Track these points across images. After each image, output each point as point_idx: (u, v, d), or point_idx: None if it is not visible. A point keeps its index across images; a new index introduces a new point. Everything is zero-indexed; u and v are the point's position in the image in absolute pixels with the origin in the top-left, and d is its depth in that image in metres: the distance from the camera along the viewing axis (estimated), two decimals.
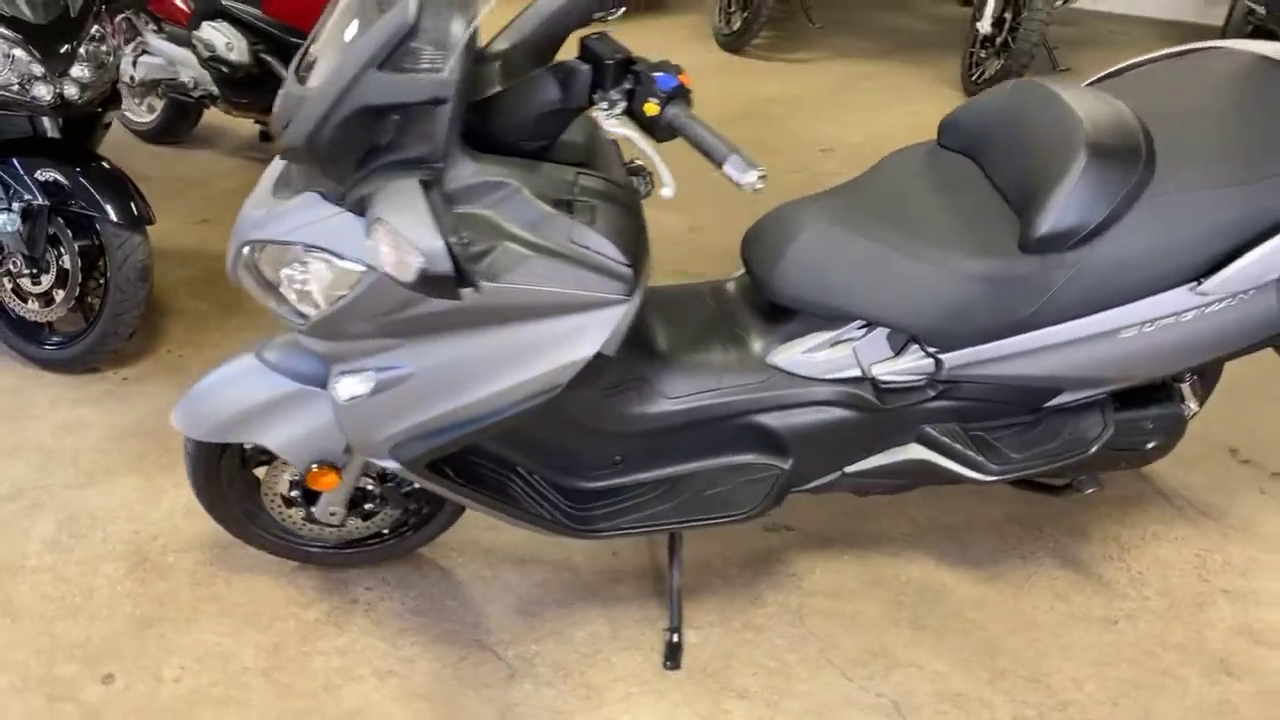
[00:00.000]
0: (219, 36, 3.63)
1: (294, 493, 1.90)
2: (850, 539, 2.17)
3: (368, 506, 1.93)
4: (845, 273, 1.75)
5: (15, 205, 2.51)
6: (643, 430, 1.82)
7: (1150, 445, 2.04)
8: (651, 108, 1.35)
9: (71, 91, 2.50)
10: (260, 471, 1.91)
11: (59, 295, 2.63)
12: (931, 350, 1.78)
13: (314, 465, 1.75)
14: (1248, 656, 1.91)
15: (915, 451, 1.89)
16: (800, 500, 1.94)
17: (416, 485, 1.79)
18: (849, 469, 1.91)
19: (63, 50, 2.49)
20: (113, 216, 2.47)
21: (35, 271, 2.61)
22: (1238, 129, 1.79)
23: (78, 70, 2.52)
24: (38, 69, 2.44)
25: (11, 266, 2.59)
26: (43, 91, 2.45)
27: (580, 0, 1.56)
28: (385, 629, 1.94)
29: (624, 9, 1.75)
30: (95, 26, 2.59)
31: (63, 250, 2.59)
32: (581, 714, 1.78)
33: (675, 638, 1.91)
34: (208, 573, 2.05)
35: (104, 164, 2.58)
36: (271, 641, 1.90)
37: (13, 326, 2.71)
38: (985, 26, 4.97)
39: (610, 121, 1.37)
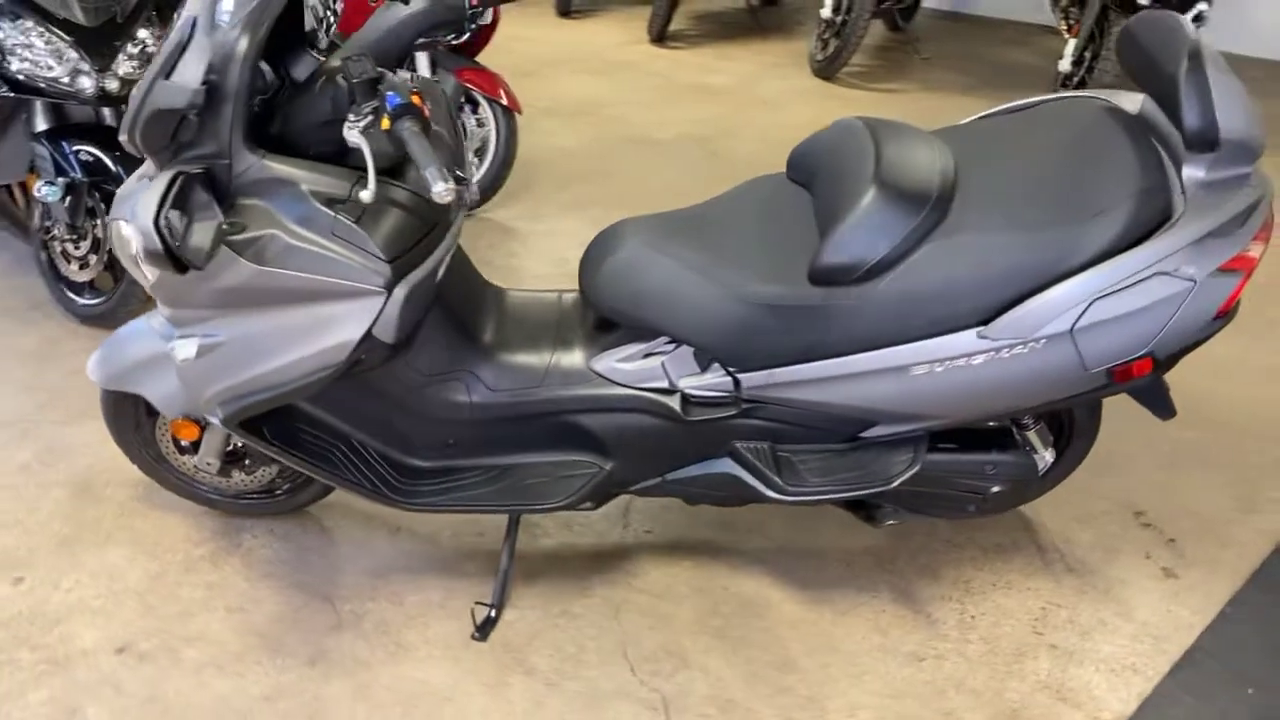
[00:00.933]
0: None
1: (184, 441, 2.18)
2: (699, 548, 2.26)
3: (246, 463, 2.19)
4: (651, 289, 1.87)
5: (60, 179, 2.93)
6: (469, 419, 2.00)
7: (994, 490, 2.04)
8: (385, 122, 1.54)
9: (113, 86, 2.90)
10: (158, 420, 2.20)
11: (92, 260, 3.06)
12: (730, 370, 1.88)
13: (180, 417, 2.03)
14: (1043, 712, 1.90)
15: (727, 465, 1.98)
16: (670, 507, 2.06)
17: None
18: (670, 476, 2.02)
19: (108, 50, 2.90)
20: None
21: (76, 238, 3.04)
22: (1056, 176, 1.79)
23: (123, 67, 2.92)
24: (84, 65, 2.85)
25: (57, 231, 3.03)
26: (86, 84, 2.86)
27: (410, 22, 1.78)
28: (252, 572, 2.19)
29: (465, 36, 1.94)
30: (144, 30, 2.99)
31: (99, 221, 3.01)
32: (381, 666, 1.97)
33: (493, 614, 2.07)
34: (133, 506, 2.37)
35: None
36: (157, 569, 2.19)
37: (60, 283, 3.16)
38: (1065, 65, 4.85)
39: (351, 133, 1.56)
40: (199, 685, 1.93)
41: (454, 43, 3.78)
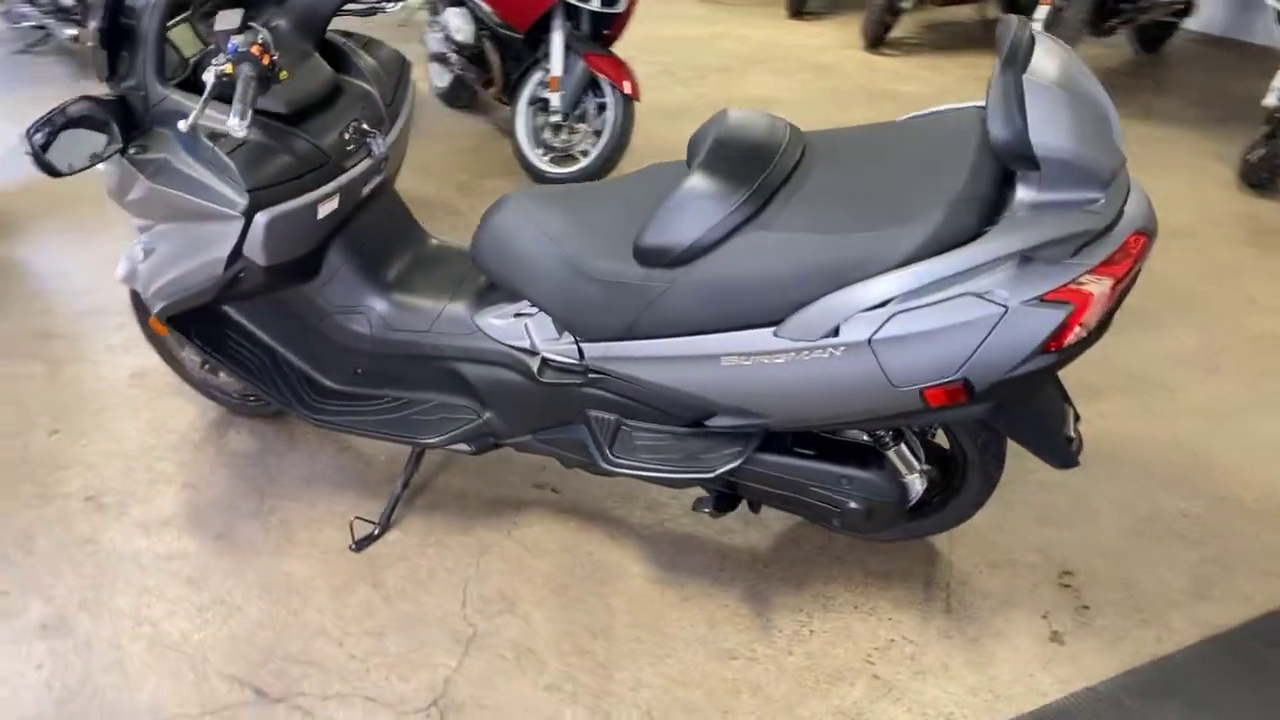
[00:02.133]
0: (454, 20, 4.48)
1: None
2: (590, 515, 2.36)
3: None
4: (513, 253, 2.00)
5: None
6: (369, 351, 2.23)
7: (852, 505, 1.99)
8: (229, 67, 1.78)
9: None
10: None
11: None
12: (575, 338, 1.97)
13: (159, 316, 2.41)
14: None
15: (580, 432, 2.07)
16: (582, 474, 2.18)
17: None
18: (539, 435, 2.15)
19: None
20: None
21: None
22: (887, 182, 1.73)
23: None
24: None
25: None
26: None
27: None
28: (218, 460, 2.55)
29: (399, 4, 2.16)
30: None
31: None
32: (264, 554, 2.25)
33: (375, 532, 2.29)
34: (163, 393, 2.81)
35: None
36: (150, 443, 2.61)
37: None
38: (1271, 99, 4.31)
39: (206, 73, 1.81)
40: (125, 538, 2.30)
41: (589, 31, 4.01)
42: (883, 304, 1.64)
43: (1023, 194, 1.59)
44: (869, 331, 1.65)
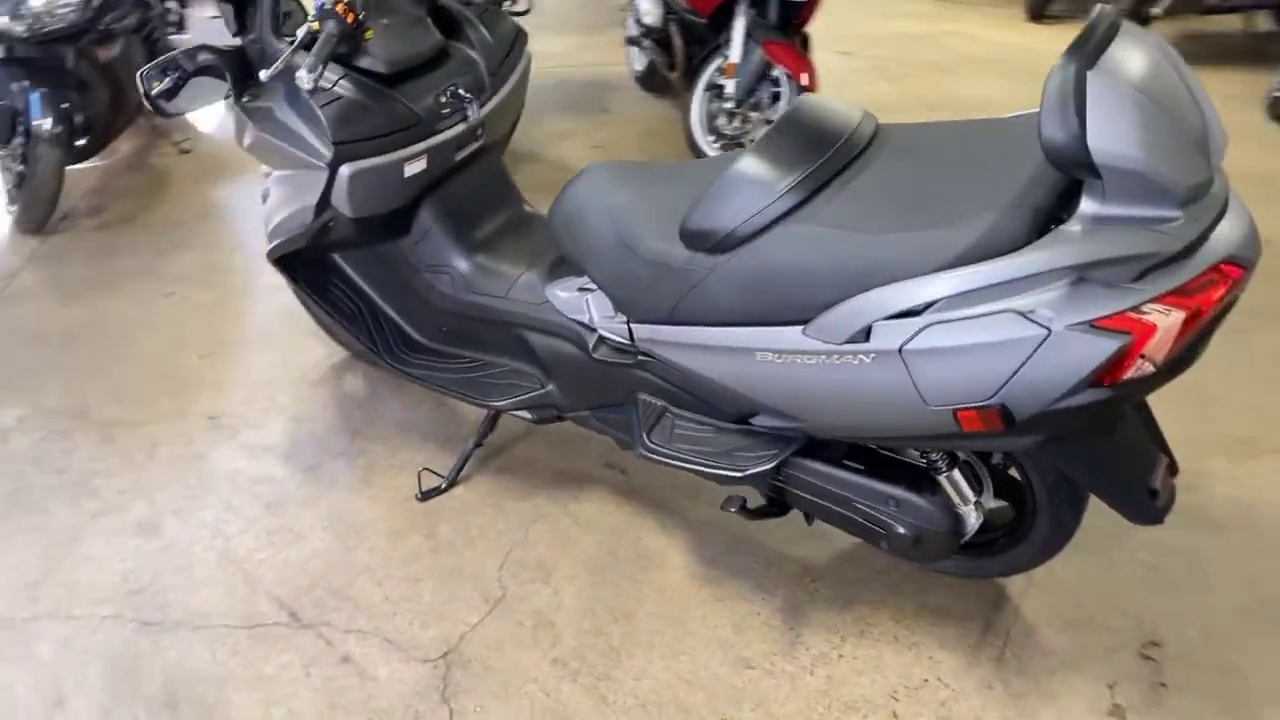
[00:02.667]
0: (644, 3, 4.54)
1: None
2: (650, 501, 2.33)
3: None
4: (579, 228, 2.00)
5: None
6: (452, 311, 2.30)
7: (900, 530, 1.86)
8: (316, 24, 1.87)
9: None
10: None
11: None
12: (625, 319, 1.95)
13: None
14: None
15: (630, 414, 2.06)
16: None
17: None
18: (595, 412, 2.15)
19: None
20: None
21: None
22: (952, 182, 1.59)
23: None
24: None
25: None
26: None
27: None
28: (328, 400, 2.73)
29: None
30: None
31: None
32: (340, 490, 2.38)
33: (442, 486, 2.37)
34: (306, 333, 3.03)
35: None
36: (277, 376, 2.83)
37: None
38: None
39: (300, 30, 1.91)
40: (229, 458, 2.50)
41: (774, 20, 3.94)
42: (916, 312, 1.51)
43: (1086, 205, 1.41)
44: (900, 340, 1.52)
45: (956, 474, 1.81)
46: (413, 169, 2.12)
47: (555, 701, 1.84)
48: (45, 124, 3.42)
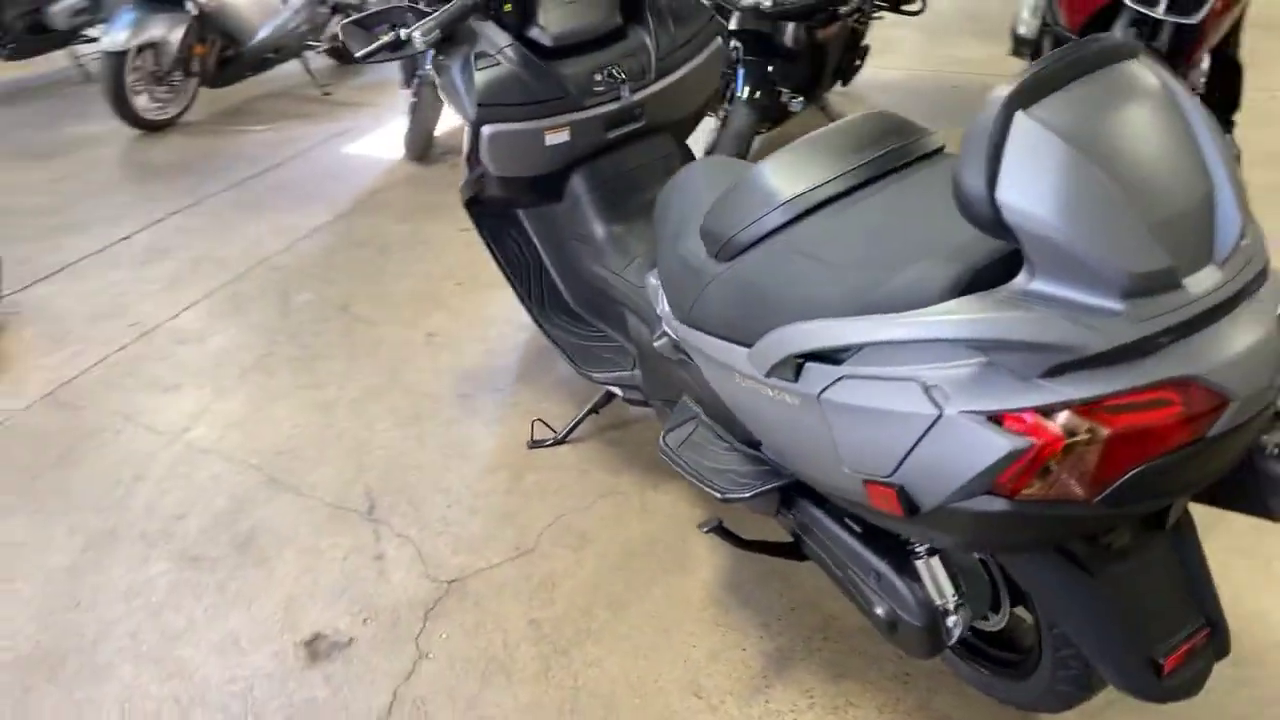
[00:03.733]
0: (1024, 13, 4.22)
1: None
2: (719, 507, 2.27)
3: None
4: (661, 219, 1.99)
5: None
6: (587, 280, 2.42)
7: (879, 610, 1.67)
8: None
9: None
10: None
11: None
12: (668, 310, 1.94)
13: None
14: None
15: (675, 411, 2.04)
16: None
17: None
18: (666, 405, 2.16)
19: None
20: None
21: None
22: (926, 222, 1.37)
23: None
24: None
25: None
26: None
27: None
28: (493, 351, 2.99)
29: None
30: None
31: None
32: (472, 422, 2.62)
33: (549, 439, 2.51)
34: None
35: None
36: (448, 324, 3.14)
37: None
38: None
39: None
40: (418, 371, 2.86)
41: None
42: (838, 360, 1.34)
43: (1020, 275, 1.15)
44: (819, 386, 1.37)
45: (935, 562, 1.56)
46: (554, 139, 2.24)
47: (507, 656, 1.91)
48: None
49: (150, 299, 3.38)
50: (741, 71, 3.79)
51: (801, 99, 3.93)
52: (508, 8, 2.13)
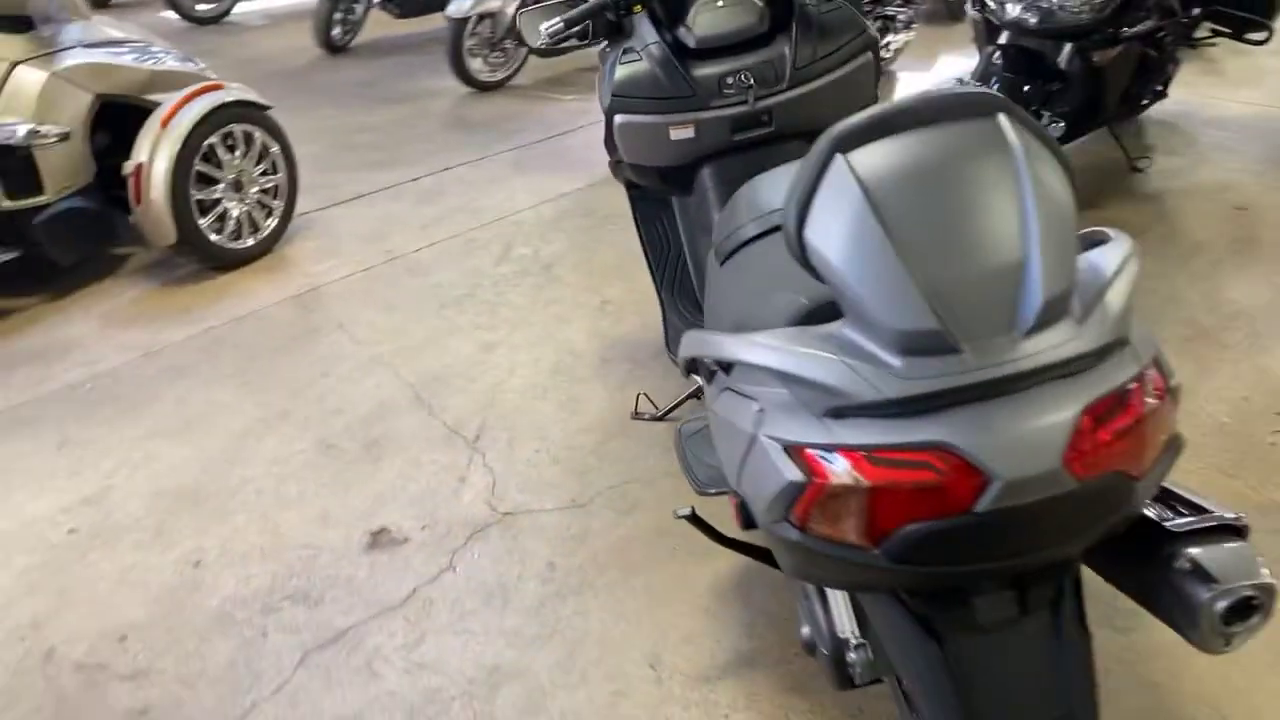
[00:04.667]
0: None
1: None
2: None
3: None
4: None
5: None
6: (702, 272, 2.55)
7: (804, 629, 1.73)
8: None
9: None
10: None
11: None
12: None
13: None
14: None
15: None
16: None
17: None
18: None
19: None
20: None
21: None
22: None
23: None
24: None
25: None
26: None
27: None
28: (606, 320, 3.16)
29: None
30: None
31: None
32: (588, 384, 2.85)
33: (648, 414, 2.68)
34: None
35: None
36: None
37: None
38: None
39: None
40: (578, 328, 3.14)
41: None
42: (728, 370, 1.42)
43: (844, 316, 1.18)
44: (715, 396, 1.46)
45: (841, 595, 1.57)
46: (679, 134, 2.37)
47: (514, 587, 2.13)
48: None
49: (408, 232, 3.94)
50: (995, 85, 3.64)
51: (1063, 124, 3.68)
52: (636, 9, 2.29)
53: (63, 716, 1.89)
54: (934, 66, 5.82)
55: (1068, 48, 3.60)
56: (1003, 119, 1.12)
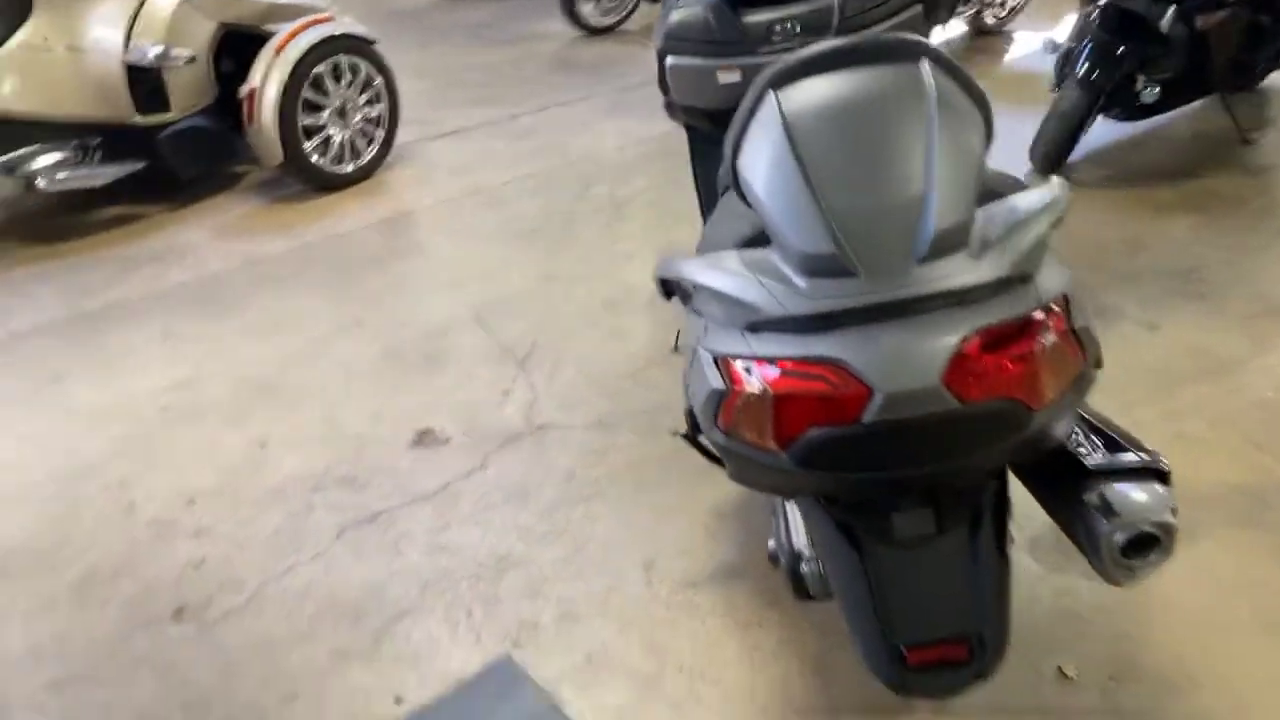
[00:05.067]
0: None
1: None
2: None
3: None
4: None
5: None
6: None
7: (770, 541, 1.85)
8: None
9: None
10: None
11: None
12: None
13: None
14: None
15: None
16: None
17: None
18: None
19: None
20: None
21: None
22: None
23: None
24: None
25: None
26: None
27: None
28: None
29: None
30: None
31: None
32: (637, 320, 3.01)
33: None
34: None
35: None
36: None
37: None
38: None
39: None
40: (626, 276, 3.30)
41: None
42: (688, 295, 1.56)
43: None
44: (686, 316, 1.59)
45: (793, 508, 1.69)
46: (726, 78, 2.47)
47: (534, 490, 2.31)
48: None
49: (499, 167, 4.15)
50: (1088, 45, 3.55)
51: (1158, 89, 3.58)
52: None
53: (134, 559, 2.18)
54: (1055, 29, 5.64)
55: (1171, 10, 3.49)
56: (925, 64, 1.22)
